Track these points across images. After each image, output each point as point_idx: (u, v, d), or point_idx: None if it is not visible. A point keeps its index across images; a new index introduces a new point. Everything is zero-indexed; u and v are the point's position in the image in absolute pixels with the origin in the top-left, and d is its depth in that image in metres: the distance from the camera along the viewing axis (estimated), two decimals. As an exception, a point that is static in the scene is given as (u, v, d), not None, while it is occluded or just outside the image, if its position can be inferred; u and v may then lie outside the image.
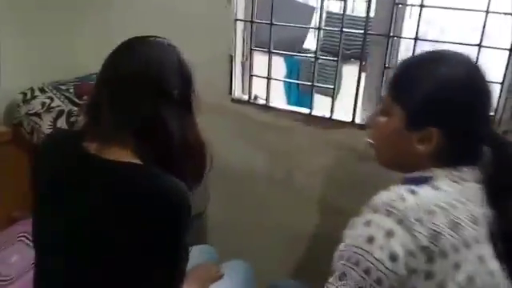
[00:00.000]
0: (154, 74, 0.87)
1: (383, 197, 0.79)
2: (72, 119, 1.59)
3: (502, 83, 1.29)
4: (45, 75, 1.73)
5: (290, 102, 3.10)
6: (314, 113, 1.58)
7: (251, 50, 1.67)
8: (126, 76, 0.87)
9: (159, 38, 0.94)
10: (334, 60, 1.55)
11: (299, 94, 3.28)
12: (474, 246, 0.77)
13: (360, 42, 1.44)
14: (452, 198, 0.78)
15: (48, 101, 1.62)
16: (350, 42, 2.96)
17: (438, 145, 0.83)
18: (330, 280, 0.80)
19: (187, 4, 1.66)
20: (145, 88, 0.86)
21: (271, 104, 1.67)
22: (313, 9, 3.91)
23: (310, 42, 3.78)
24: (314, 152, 1.59)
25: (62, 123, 1.59)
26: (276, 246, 1.69)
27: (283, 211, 1.67)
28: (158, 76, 0.87)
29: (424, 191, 0.79)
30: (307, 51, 3.53)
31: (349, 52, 2.99)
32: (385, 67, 1.42)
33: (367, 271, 0.74)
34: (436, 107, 0.82)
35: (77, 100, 1.65)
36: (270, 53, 1.63)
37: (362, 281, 0.74)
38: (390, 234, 0.74)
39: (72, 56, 1.89)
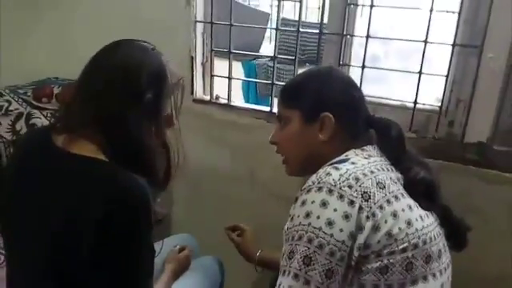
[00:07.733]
0: (129, 73, 0.87)
1: (312, 179, 0.89)
2: (32, 121, 1.57)
3: (446, 76, 1.39)
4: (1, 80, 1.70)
5: (248, 105, 3.17)
6: (275, 110, 1.64)
7: (211, 50, 1.72)
8: (103, 70, 0.87)
9: (146, 42, 0.95)
10: (291, 59, 1.61)
11: (257, 97, 3.34)
12: (401, 198, 0.89)
13: (314, 46, 1.51)
14: (369, 168, 0.90)
15: (6, 104, 1.59)
16: (304, 48, 3.07)
17: (334, 129, 0.98)
18: (282, 262, 0.86)
19: (148, 7, 1.69)
20: (118, 85, 0.86)
21: (233, 103, 1.71)
22: (268, 15, 4.01)
23: (266, 48, 3.87)
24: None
25: (21, 126, 1.57)
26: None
27: (248, 207, 1.70)
28: (133, 77, 0.87)
29: (345, 166, 0.89)
30: (263, 57, 3.62)
31: (303, 57, 3.11)
32: (339, 64, 1.51)
33: (309, 241, 0.82)
34: (322, 97, 1.00)
35: (35, 102, 1.63)
36: (229, 53, 1.68)
37: (306, 250, 0.82)
38: (324, 204, 0.83)
39: (29, 61, 1.87)
